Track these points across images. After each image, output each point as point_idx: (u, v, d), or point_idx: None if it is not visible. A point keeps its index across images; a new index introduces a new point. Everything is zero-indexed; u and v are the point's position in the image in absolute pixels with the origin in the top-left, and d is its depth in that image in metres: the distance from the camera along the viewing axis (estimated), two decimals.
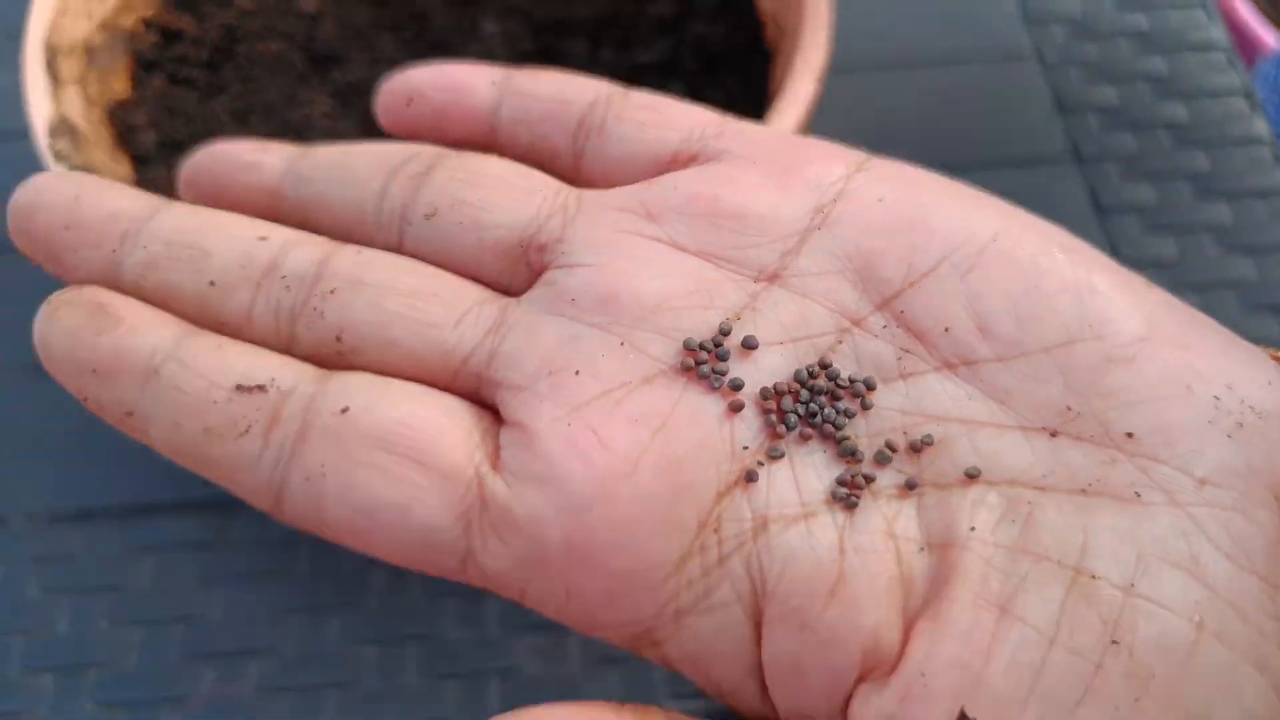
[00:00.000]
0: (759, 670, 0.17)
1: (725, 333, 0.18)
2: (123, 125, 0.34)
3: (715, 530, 0.16)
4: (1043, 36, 0.45)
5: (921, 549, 0.16)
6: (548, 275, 0.18)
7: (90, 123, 0.33)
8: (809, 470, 0.17)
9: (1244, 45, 0.77)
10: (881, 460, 0.17)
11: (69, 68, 0.33)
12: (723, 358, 0.17)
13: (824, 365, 0.18)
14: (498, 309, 0.18)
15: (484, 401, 0.18)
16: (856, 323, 0.18)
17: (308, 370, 0.17)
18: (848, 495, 0.17)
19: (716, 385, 0.17)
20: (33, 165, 0.40)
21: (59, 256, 0.18)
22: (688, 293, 0.18)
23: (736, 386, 0.17)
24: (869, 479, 0.17)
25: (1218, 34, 0.44)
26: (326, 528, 0.17)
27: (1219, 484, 0.16)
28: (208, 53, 0.37)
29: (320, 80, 0.37)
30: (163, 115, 0.35)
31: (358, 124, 0.36)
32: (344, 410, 0.17)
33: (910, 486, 0.17)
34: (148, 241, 0.18)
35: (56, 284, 0.40)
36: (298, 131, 0.35)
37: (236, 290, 0.18)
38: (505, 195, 0.19)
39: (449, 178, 0.19)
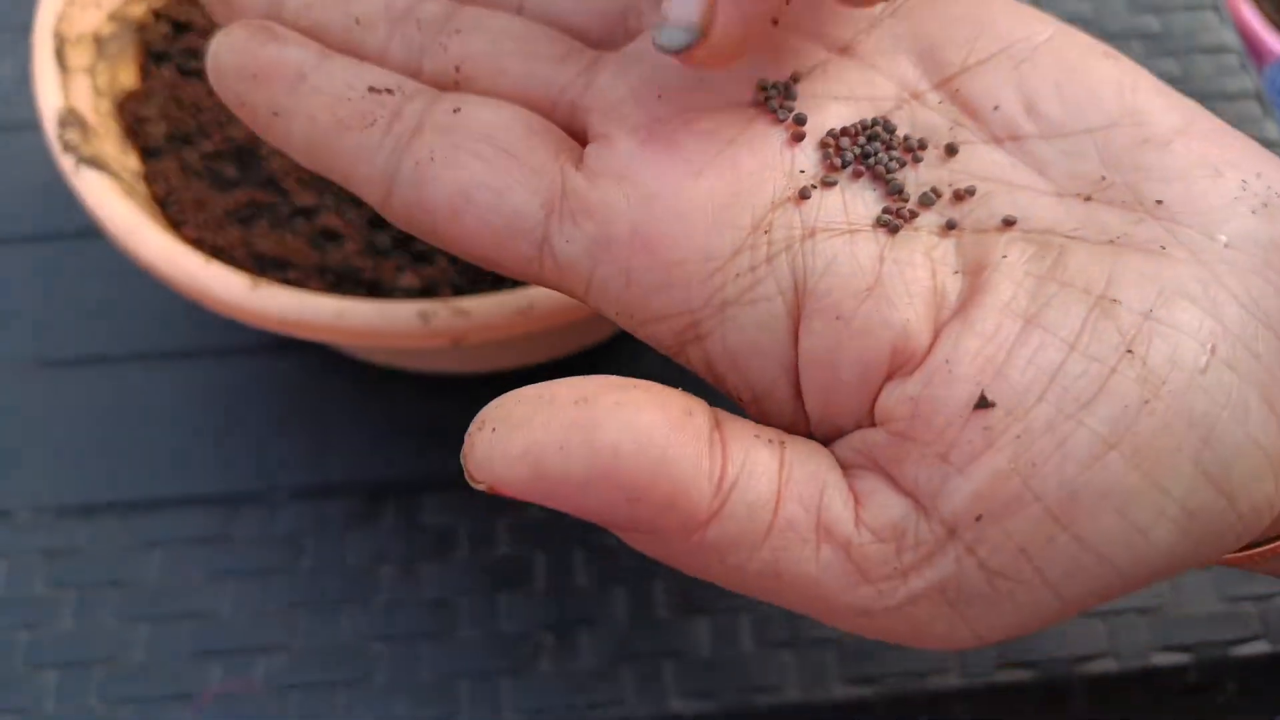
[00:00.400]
0: (793, 371, 0.18)
1: (796, 79, 0.20)
2: (132, 117, 0.34)
3: (766, 232, 0.18)
4: None
5: (956, 272, 0.18)
6: (643, 35, 0.21)
7: (99, 114, 0.33)
8: (858, 200, 0.19)
9: (1251, 50, 0.77)
10: (925, 202, 0.19)
11: (78, 58, 0.33)
12: (791, 96, 0.20)
13: (881, 120, 0.19)
14: (597, 55, 0.21)
15: (576, 130, 0.20)
16: (915, 96, 0.20)
17: (431, 87, 0.20)
18: (891, 221, 0.18)
19: (783, 118, 0.19)
20: (40, 156, 0.40)
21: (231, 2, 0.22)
22: (765, 51, 0.20)
23: (800, 121, 0.19)
24: (913, 214, 0.19)
25: (1229, 37, 0.44)
26: (426, 213, 0.19)
27: (1240, 248, 0.17)
28: None
29: None
30: (171, 107, 0.35)
31: None
32: (456, 110, 0.19)
33: (950, 226, 0.18)
34: None
35: (68, 278, 0.39)
36: None
37: (376, 28, 0.21)
38: None
39: None
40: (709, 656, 0.32)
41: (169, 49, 0.36)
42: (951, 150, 0.19)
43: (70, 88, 0.32)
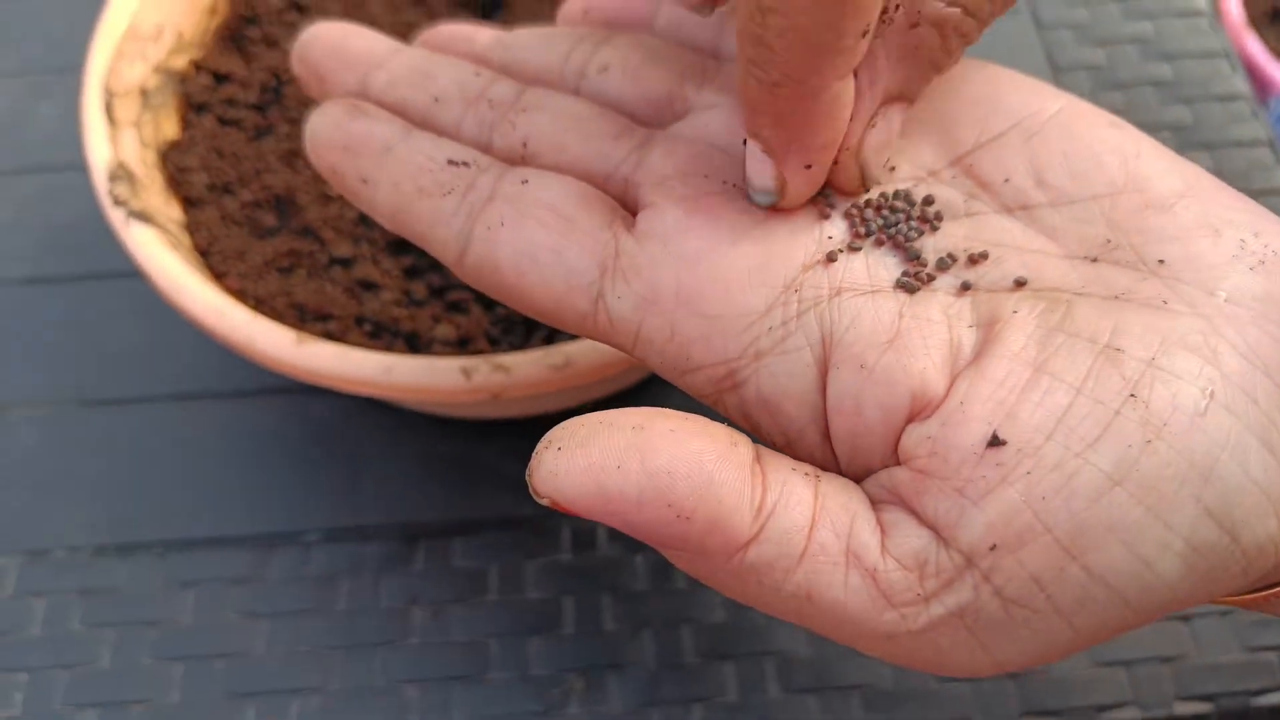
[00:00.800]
0: (822, 416, 0.19)
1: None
2: (174, 167, 0.35)
3: (796, 291, 0.20)
4: (1068, 84, 0.45)
5: (971, 326, 0.19)
6: (688, 116, 0.23)
7: (145, 166, 0.33)
8: (880, 264, 0.20)
9: (1256, 84, 0.78)
10: (942, 266, 0.20)
11: (125, 111, 0.34)
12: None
13: (902, 194, 0.21)
14: (648, 133, 0.23)
15: (628, 201, 0.22)
16: (933, 174, 0.22)
17: (502, 161, 0.23)
18: (910, 283, 0.20)
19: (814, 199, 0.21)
20: (80, 197, 0.41)
21: (324, 77, 0.25)
22: None
23: (829, 200, 0.21)
24: (930, 276, 0.20)
25: (1241, 84, 0.45)
26: (495, 272, 0.21)
27: (1238, 303, 0.18)
28: (256, 94, 0.38)
29: None
30: (212, 157, 0.36)
31: None
32: (524, 182, 0.21)
33: (965, 287, 0.20)
34: (391, 68, 0.24)
35: (106, 318, 0.39)
36: None
37: (453, 106, 0.24)
38: (663, 61, 0.24)
39: (621, 45, 0.24)
40: (735, 701, 0.32)
41: (209, 100, 0.37)
42: (966, 219, 0.21)
43: (118, 141, 0.32)
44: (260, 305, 0.32)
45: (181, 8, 0.37)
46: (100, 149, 0.32)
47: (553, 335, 0.33)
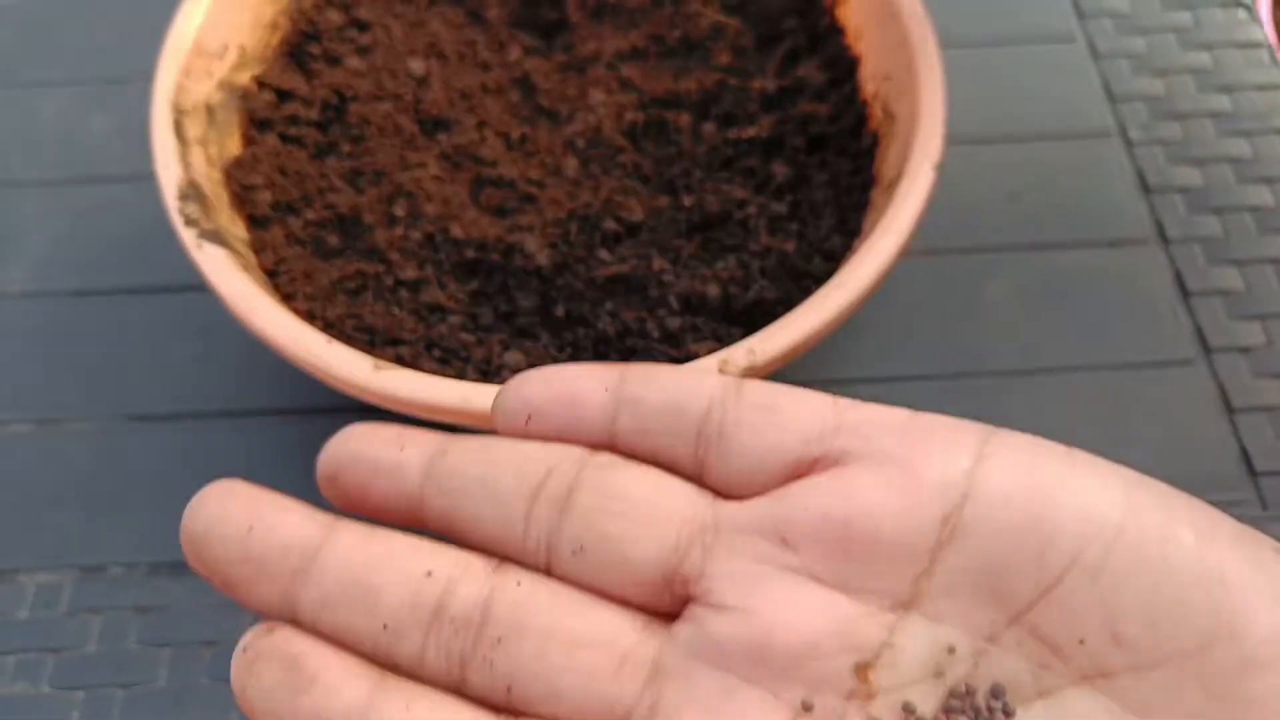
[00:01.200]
0: None
1: (865, 675, 0.18)
2: (238, 185, 0.35)
3: None
4: (1126, 114, 0.45)
5: None
6: (695, 611, 0.19)
7: (212, 184, 0.33)
8: None
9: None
10: None
11: (193, 128, 0.34)
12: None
13: (965, 693, 0.18)
14: (653, 650, 0.19)
15: None
16: (991, 640, 0.18)
17: None
18: None
19: None
20: (132, 210, 0.40)
21: (234, 587, 0.19)
22: (830, 634, 0.18)
23: None
24: None
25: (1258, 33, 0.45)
26: None
27: None
28: (318, 112, 0.37)
29: (428, 143, 0.37)
30: (276, 175, 0.36)
31: (466, 188, 0.36)
32: None
33: None
34: (320, 579, 0.19)
35: (158, 331, 0.39)
36: (408, 195, 0.35)
37: (409, 634, 0.19)
38: (648, 525, 0.19)
39: (592, 506, 0.19)
40: None
41: (272, 116, 0.37)
42: (1040, 701, 0.18)
43: (188, 159, 0.32)
44: (330, 328, 0.32)
45: (245, 24, 0.37)
46: (171, 168, 0.32)
47: (622, 360, 0.32)
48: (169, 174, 0.31)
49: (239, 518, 0.19)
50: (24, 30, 0.49)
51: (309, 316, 0.32)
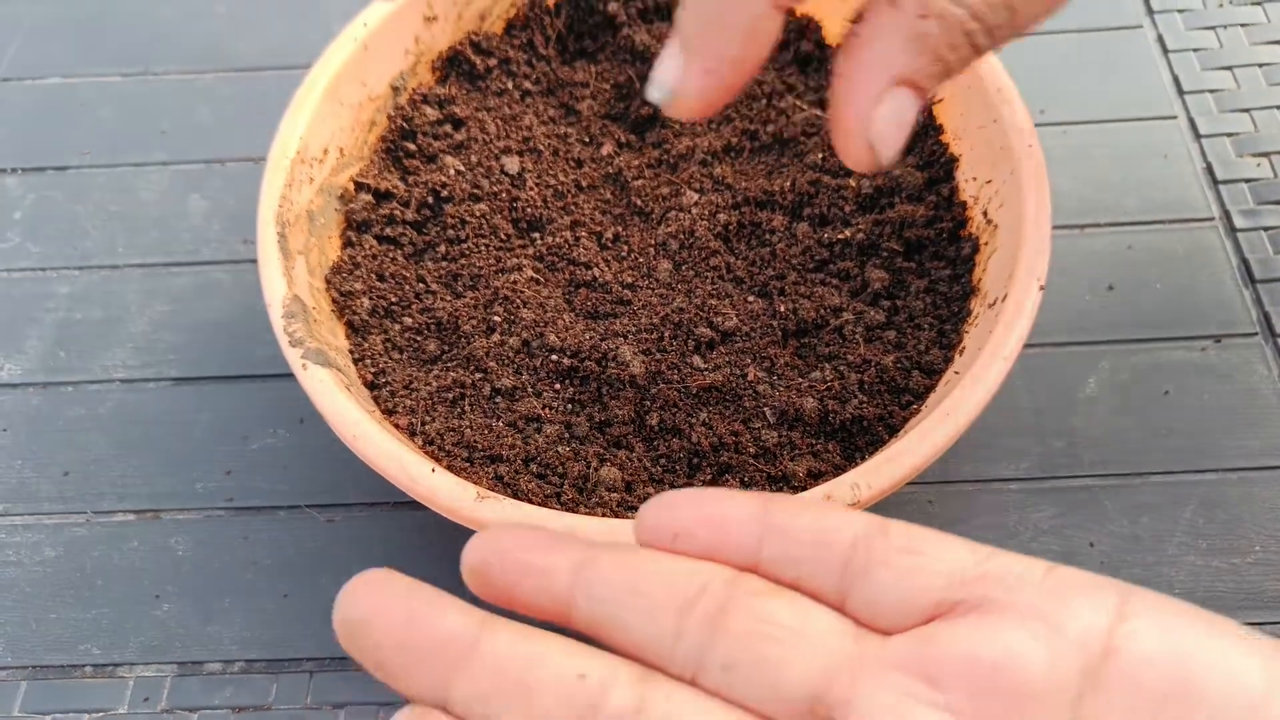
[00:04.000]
0: None
1: None
2: (338, 292, 0.35)
3: None
4: (1229, 197, 0.44)
5: None
6: None
7: (314, 294, 0.34)
8: None
9: None
10: None
11: (295, 239, 0.34)
12: None
13: None
14: None
15: None
16: None
17: None
18: None
19: None
20: (224, 293, 0.41)
21: (391, 674, 0.19)
22: None
23: None
24: None
25: None
26: None
27: None
28: (414, 212, 0.38)
29: (524, 243, 0.37)
30: (374, 280, 0.36)
31: (561, 291, 0.36)
32: None
33: None
34: (477, 673, 0.19)
35: (252, 418, 0.38)
36: (505, 300, 0.35)
37: None
38: (797, 650, 0.20)
39: (745, 630, 0.20)
40: None
41: (370, 217, 0.37)
42: None
43: (291, 273, 0.33)
44: (430, 445, 0.32)
45: (345, 126, 0.38)
46: (276, 284, 0.32)
47: (716, 476, 0.32)
48: (274, 291, 0.32)
49: (397, 608, 0.19)
50: (125, 111, 0.51)
51: (410, 432, 0.32)
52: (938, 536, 0.21)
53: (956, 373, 0.32)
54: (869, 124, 0.22)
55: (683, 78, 0.22)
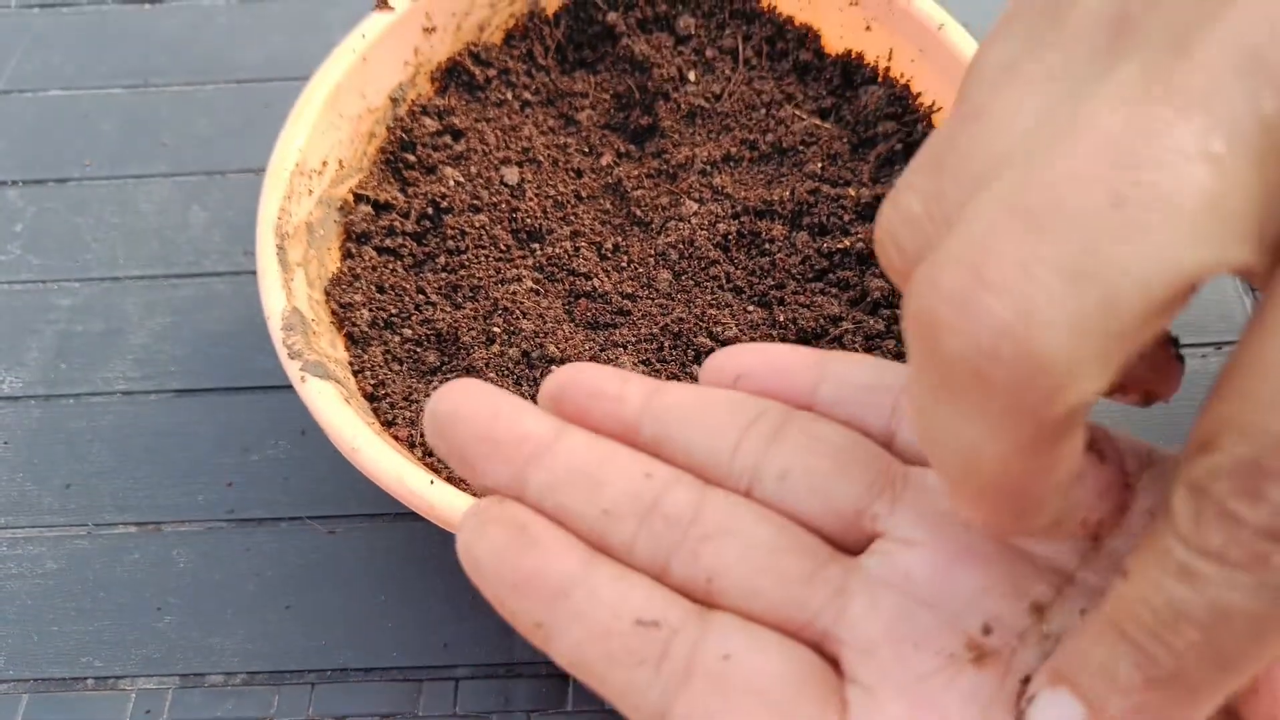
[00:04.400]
0: None
1: (1040, 611, 0.20)
2: (337, 304, 0.35)
3: None
4: None
5: None
6: (883, 545, 0.21)
7: (313, 305, 0.34)
8: None
9: None
10: None
11: (294, 251, 0.34)
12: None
13: None
14: (842, 571, 0.21)
15: (826, 651, 0.20)
16: None
17: (690, 610, 0.20)
18: None
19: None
20: (225, 304, 0.41)
21: (472, 465, 0.21)
22: (1001, 581, 0.20)
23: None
24: None
25: None
26: None
27: None
28: (414, 223, 0.38)
29: (523, 254, 0.37)
30: (373, 292, 0.36)
31: (561, 301, 0.36)
32: (725, 657, 0.19)
33: None
34: (551, 465, 0.21)
35: (255, 430, 0.38)
36: (505, 311, 0.35)
37: (624, 521, 0.21)
38: (848, 467, 0.21)
39: (798, 444, 0.21)
40: None
41: (370, 228, 0.38)
42: None
43: (290, 286, 0.33)
44: (429, 456, 0.32)
45: (345, 138, 0.38)
46: (275, 297, 0.32)
47: None
48: (274, 303, 0.32)
49: (484, 404, 0.21)
50: (126, 124, 0.51)
51: (409, 444, 0.32)
52: None
53: None
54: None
55: None
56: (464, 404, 0.21)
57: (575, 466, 0.21)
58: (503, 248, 0.37)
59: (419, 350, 0.35)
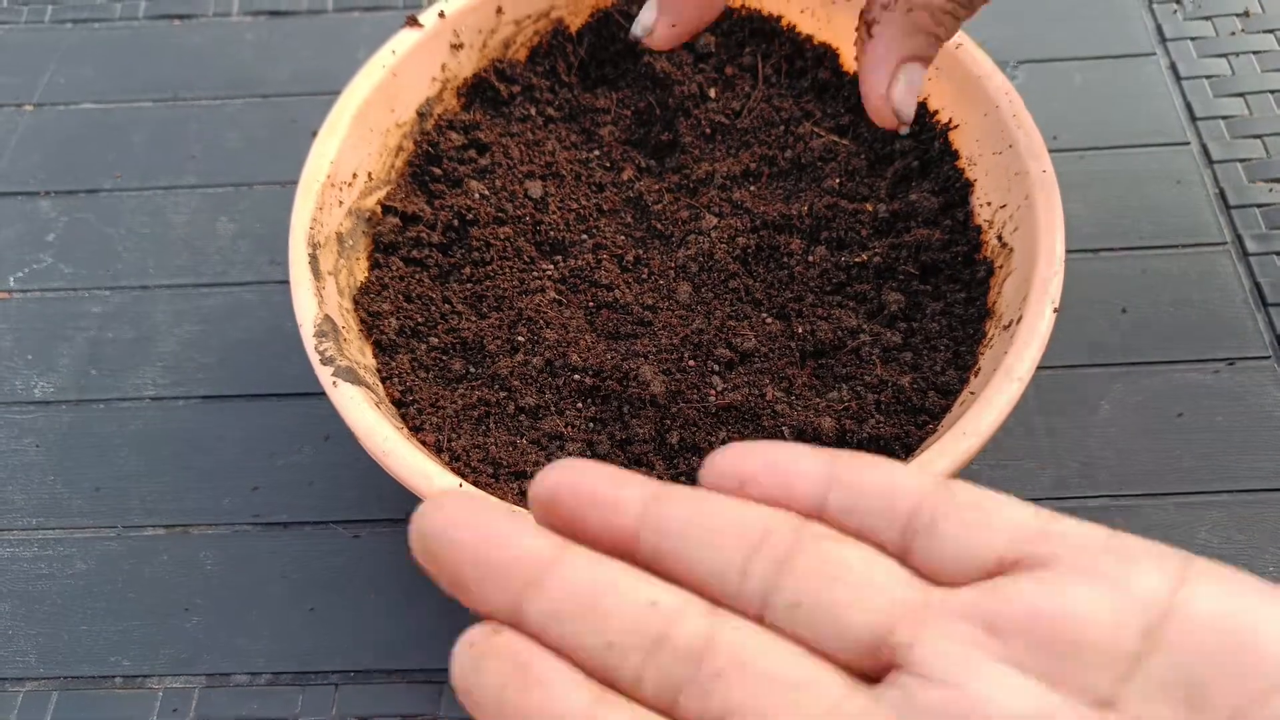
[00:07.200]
0: None
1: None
2: (366, 313, 0.36)
3: None
4: (1205, 132, 0.45)
5: None
6: (900, 678, 0.20)
7: (343, 313, 0.35)
8: None
9: None
10: None
11: (325, 261, 0.35)
12: None
13: None
14: (859, 705, 0.19)
15: None
16: None
17: None
18: None
19: None
20: (252, 313, 0.42)
21: (465, 589, 0.20)
22: (1033, 717, 0.19)
23: None
24: None
25: None
26: None
27: None
28: (440, 235, 0.39)
29: (546, 264, 0.38)
30: (401, 301, 0.37)
31: (583, 312, 0.37)
32: None
33: None
34: (551, 593, 0.19)
35: (282, 438, 0.39)
36: (529, 321, 0.36)
37: (631, 654, 0.19)
38: (864, 594, 0.20)
39: (812, 570, 0.20)
40: None
41: (397, 240, 0.38)
42: None
43: (323, 294, 0.34)
44: (456, 461, 0.33)
45: (374, 151, 0.39)
46: (307, 305, 0.33)
47: None
48: (306, 311, 0.33)
49: (475, 523, 0.20)
50: (156, 136, 0.52)
51: (436, 449, 0.33)
52: (1002, 497, 0.22)
53: (972, 393, 0.32)
54: (890, 96, 0.30)
55: (653, 26, 0.32)
56: (453, 523, 0.20)
57: (576, 594, 0.20)
58: (526, 259, 0.38)
59: (445, 358, 0.36)
